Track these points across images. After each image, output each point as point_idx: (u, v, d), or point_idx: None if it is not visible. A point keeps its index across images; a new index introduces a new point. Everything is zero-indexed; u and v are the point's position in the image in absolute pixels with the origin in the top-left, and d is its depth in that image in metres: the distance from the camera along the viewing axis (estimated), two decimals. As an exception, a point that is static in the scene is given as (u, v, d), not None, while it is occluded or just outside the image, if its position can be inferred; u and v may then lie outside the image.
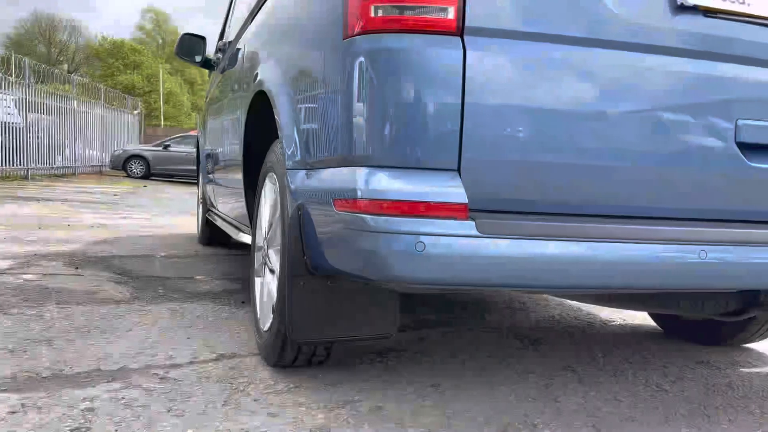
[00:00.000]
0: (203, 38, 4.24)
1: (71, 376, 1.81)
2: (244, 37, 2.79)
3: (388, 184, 1.27)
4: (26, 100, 12.71)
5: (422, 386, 1.88)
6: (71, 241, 4.62)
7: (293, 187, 1.65)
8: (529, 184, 1.33)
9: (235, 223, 3.10)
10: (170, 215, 7.43)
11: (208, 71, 4.61)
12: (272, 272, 1.94)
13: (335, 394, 1.77)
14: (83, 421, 1.51)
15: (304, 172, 1.62)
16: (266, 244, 2.04)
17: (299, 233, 1.57)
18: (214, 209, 4.06)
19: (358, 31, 1.33)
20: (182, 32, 4.26)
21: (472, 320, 2.77)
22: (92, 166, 17.14)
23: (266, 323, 1.96)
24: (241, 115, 2.47)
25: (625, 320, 2.96)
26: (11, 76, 12.48)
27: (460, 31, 1.28)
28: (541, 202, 1.34)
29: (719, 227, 1.38)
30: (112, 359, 1.97)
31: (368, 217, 1.26)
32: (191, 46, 4.19)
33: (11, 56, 13.22)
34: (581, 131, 1.33)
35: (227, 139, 3.06)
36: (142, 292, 3.01)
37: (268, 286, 1.99)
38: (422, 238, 1.22)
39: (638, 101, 1.37)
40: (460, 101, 1.28)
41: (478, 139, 1.29)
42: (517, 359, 2.20)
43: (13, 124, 12.21)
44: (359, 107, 1.33)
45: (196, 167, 5.35)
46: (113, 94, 20.01)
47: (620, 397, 1.87)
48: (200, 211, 4.90)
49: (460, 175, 1.29)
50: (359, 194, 1.29)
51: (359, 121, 1.33)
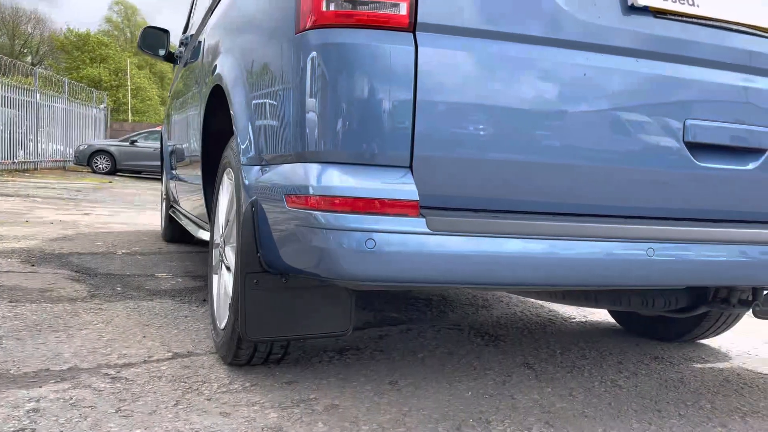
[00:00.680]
0: (167, 31, 4.17)
1: (18, 376, 1.76)
2: (204, 30, 2.75)
3: (339, 180, 1.26)
4: (-14, 92, 12.34)
5: (380, 384, 1.87)
6: (29, 237, 4.50)
7: (247, 183, 1.62)
8: (480, 181, 1.33)
9: (195, 219, 3.06)
10: (134, 211, 7.30)
11: (172, 65, 4.53)
12: (229, 270, 1.91)
13: (291, 392, 1.75)
14: (28, 422, 1.46)
15: (258, 167, 1.60)
16: (223, 241, 2.01)
17: (253, 230, 1.55)
18: (176, 206, 4.00)
19: (310, 25, 1.31)
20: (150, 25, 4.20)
21: (434, 318, 2.78)
22: (56, 161, 16.74)
23: (222, 321, 1.93)
24: (200, 109, 2.43)
25: (585, 317, 3.00)
26: (-30, 68, 12.11)
27: (412, 27, 1.28)
28: (491, 199, 1.34)
29: (667, 225, 1.40)
30: (62, 359, 1.92)
31: (319, 213, 1.25)
32: (154, 39, 4.12)
33: (-30, 48, 12.81)
34: (532, 129, 1.34)
35: (188, 134, 3.01)
36: (99, 289, 2.94)
37: (224, 283, 1.96)
38: (372, 235, 1.22)
39: (589, 100, 1.38)
40: (412, 98, 1.27)
41: (430, 135, 1.29)
42: (476, 356, 2.21)
43: (-29, 117, 11.85)
44: (311, 103, 1.32)
45: (160, 163, 5.26)
46: (78, 87, 19.55)
47: (575, 392, 1.89)
48: (163, 207, 4.83)
49: (411, 171, 1.28)
50: (310, 191, 1.28)
51: (311, 116, 1.32)
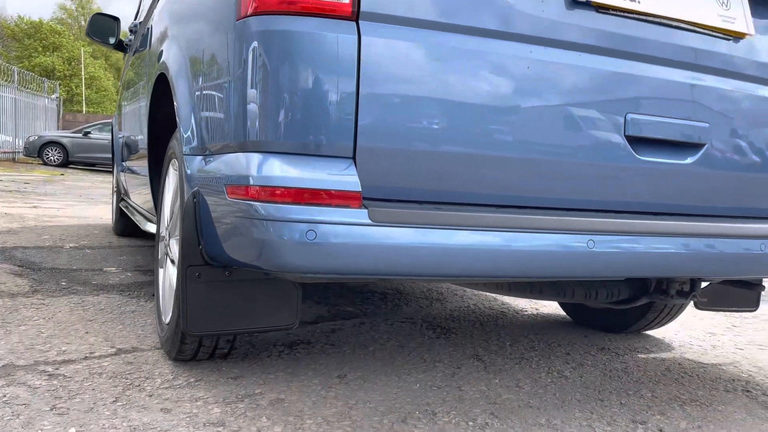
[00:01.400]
0: (117, 19, 4.05)
1: (-53, 374, 1.68)
2: (152, 16, 2.67)
3: (280, 170, 1.24)
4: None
5: (328, 377, 1.86)
6: (-30, 231, 4.32)
7: (189, 173, 1.58)
8: (423, 173, 1.33)
9: (144, 212, 2.98)
10: (85, 205, 7.09)
11: (123, 54, 4.41)
12: (173, 263, 1.87)
13: (237, 387, 1.72)
14: (-46, 422, 1.40)
15: (201, 158, 1.56)
16: (168, 233, 1.97)
17: (194, 221, 1.51)
18: (127, 199, 3.89)
19: (251, 12, 1.28)
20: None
21: (389, 311, 2.77)
22: (4, 152, 16.13)
23: (167, 316, 1.89)
24: (146, 98, 2.36)
25: (537, 310, 3.04)
26: None
27: (355, 15, 1.26)
28: (435, 191, 1.34)
29: (608, 218, 1.42)
30: (-4, 356, 1.85)
31: (259, 204, 1.23)
32: (104, 27, 4.00)
33: None
34: (474, 121, 1.34)
35: (136, 124, 2.93)
36: (42, 284, 2.84)
37: (169, 277, 1.92)
38: (314, 226, 1.20)
39: (532, 94, 1.39)
40: (354, 88, 1.26)
41: (373, 126, 1.28)
42: (427, 348, 2.22)
43: None
44: (252, 92, 1.29)
45: (111, 155, 5.12)
46: (29, 77, 18.86)
47: (522, 383, 1.92)
48: (115, 200, 4.70)
49: (355, 162, 1.27)
50: (251, 181, 1.25)
51: (252, 105, 1.29)
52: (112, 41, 4.02)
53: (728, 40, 1.64)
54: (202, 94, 1.57)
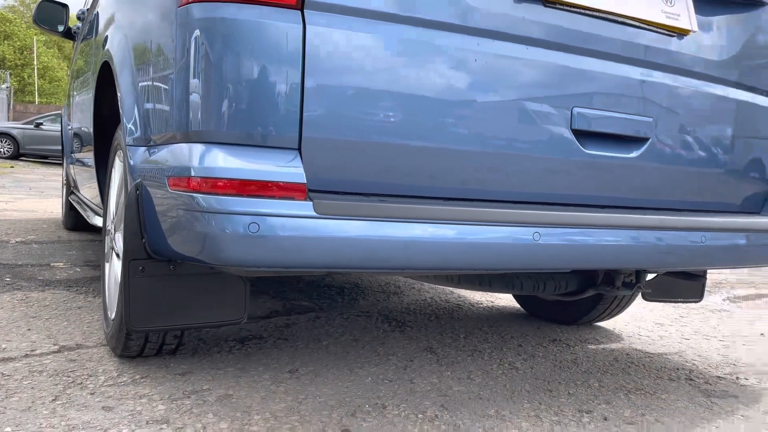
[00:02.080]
0: (65, 5, 3.91)
1: None
2: (99, 2, 2.59)
3: (222, 161, 1.21)
4: None
5: (279, 372, 1.84)
6: None
7: (132, 164, 1.54)
8: (370, 165, 1.32)
9: (92, 206, 2.89)
10: (35, 198, 6.86)
11: (72, 42, 4.27)
12: (119, 257, 1.81)
13: (184, 383, 1.69)
14: None
15: (144, 149, 1.52)
16: (114, 227, 1.91)
17: (137, 214, 1.47)
18: (76, 191, 3.78)
19: (192, -2, 1.24)
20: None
21: (345, 305, 2.76)
22: (-50, 144, 15.49)
23: (113, 311, 1.84)
24: (92, 87, 2.29)
25: (492, 302, 3.07)
26: None
27: (300, 4, 1.24)
28: (380, 183, 1.33)
29: (554, 210, 1.44)
30: (-71, 355, 1.77)
31: (200, 196, 1.20)
32: (52, 13, 3.87)
33: None
34: (421, 113, 1.33)
35: (85, 115, 2.83)
36: (-16, 280, 2.73)
37: (115, 272, 1.86)
38: (257, 218, 1.17)
39: (479, 86, 1.39)
40: (299, 78, 1.23)
41: (319, 117, 1.26)
42: (381, 342, 2.22)
43: None
44: (194, 81, 1.25)
45: (61, 146, 4.96)
46: (-24, 65, 18.13)
47: (473, 375, 1.93)
48: (65, 193, 4.56)
49: (300, 154, 1.25)
50: (192, 172, 1.22)
51: (195, 95, 1.26)
52: (60, 29, 3.89)
53: (672, 36, 1.67)
54: (145, 83, 1.52)
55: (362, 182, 1.33)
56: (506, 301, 3.10)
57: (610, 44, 1.56)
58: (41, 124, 15.59)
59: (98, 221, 2.51)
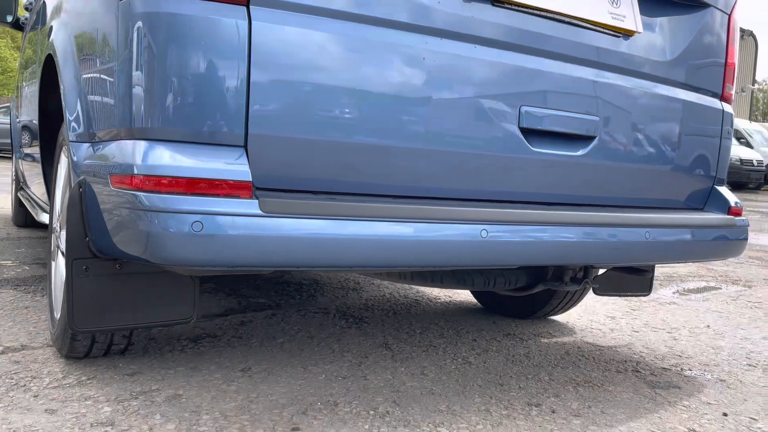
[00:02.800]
0: (14, -5, 3.79)
1: None
2: (46, -6, 2.51)
3: (166, 159, 1.19)
4: None
5: (231, 371, 1.82)
6: None
7: (76, 160, 1.50)
8: (318, 162, 1.31)
9: (40, 202, 2.81)
10: (-15, 194, 6.63)
11: (22, 33, 4.13)
12: (64, 255, 1.77)
13: (132, 384, 1.66)
14: None
15: (88, 145, 1.48)
16: (59, 224, 1.86)
17: (81, 212, 1.43)
18: (25, 187, 3.67)
19: (134, -9, 1.22)
20: None
21: (302, 302, 2.75)
22: None
23: (59, 311, 1.79)
24: (38, 80, 2.22)
25: (450, 298, 3.10)
26: None
27: (246, 0, 1.22)
28: (329, 180, 1.33)
29: (501, 208, 1.46)
30: None
31: (143, 194, 1.17)
32: (1, 4, 3.74)
33: None
34: (369, 111, 1.33)
35: (31, 108, 2.75)
36: (-75, 280, 2.63)
37: (61, 271, 1.81)
38: (201, 217, 1.16)
39: (426, 84, 1.40)
40: (245, 74, 1.22)
41: (265, 114, 1.25)
42: (337, 339, 2.21)
43: None
44: (138, 76, 1.23)
45: (10, 140, 4.80)
46: None
47: (427, 371, 1.95)
48: (14, 188, 4.42)
49: (246, 151, 1.24)
50: (135, 170, 1.20)
51: (138, 91, 1.23)
52: (9, 19, 3.78)
53: (618, 37, 1.71)
54: (87, 77, 1.49)
55: (311, 180, 1.32)
56: (464, 296, 3.13)
57: (557, 44, 1.59)
58: (-8, 116, 15.05)
59: (46, 218, 2.44)
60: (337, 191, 1.34)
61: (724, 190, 2.03)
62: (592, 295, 3.13)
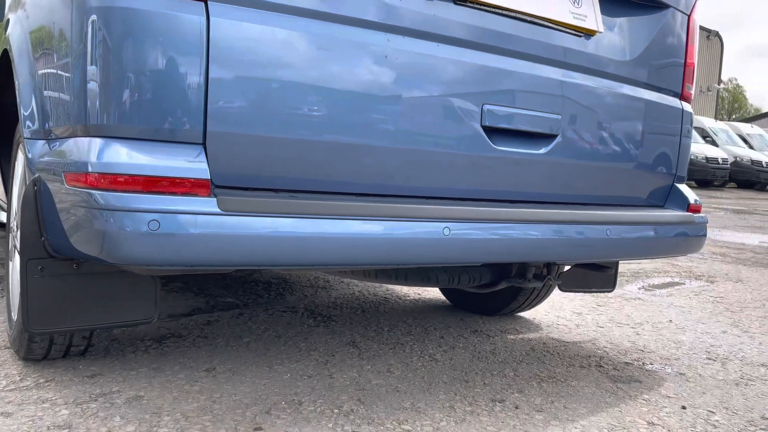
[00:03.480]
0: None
1: None
2: (4, -13, 2.44)
3: (121, 156, 1.17)
4: None
5: (195, 371, 1.80)
6: None
7: (31, 158, 1.46)
8: (278, 160, 1.30)
9: (-1, 200, 2.74)
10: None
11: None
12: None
13: (92, 386, 1.63)
14: None
15: (43, 142, 1.45)
16: (16, 223, 1.81)
17: (35, 211, 1.40)
18: (-15, 185, 3.57)
19: (89, -15, 1.19)
20: None
21: (271, 301, 2.73)
22: None
23: (16, 312, 1.75)
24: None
25: (419, 295, 3.11)
26: None
27: (204, -5, 1.21)
28: (290, 178, 1.32)
29: (464, 205, 1.47)
30: None
31: (98, 193, 1.15)
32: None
33: None
34: (330, 109, 1.33)
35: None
36: None
37: (18, 271, 1.77)
38: (158, 216, 1.14)
39: (389, 82, 1.40)
40: (203, 70, 1.20)
41: (224, 111, 1.24)
42: (304, 337, 2.20)
43: None
44: (93, 72, 1.20)
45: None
46: None
47: (393, 368, 1.95)
48: (-26, 187, 4.29)
49: (205, 149, 1.22)
50: (89, 168, 1.17)
51: (93, 87, 1.21)
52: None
53: (580, 36, 1.73)
54: (44, 72, 1.45)
55: (272, 178, 1.31)
56: (433, 294, 3.15)
57: (519, 43, 1.60)
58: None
59: (3, 217, 2.38)
60: (299, 189, 1.33)
61: (684, 187, 2.08)
62: (559, 291, 3.18)
